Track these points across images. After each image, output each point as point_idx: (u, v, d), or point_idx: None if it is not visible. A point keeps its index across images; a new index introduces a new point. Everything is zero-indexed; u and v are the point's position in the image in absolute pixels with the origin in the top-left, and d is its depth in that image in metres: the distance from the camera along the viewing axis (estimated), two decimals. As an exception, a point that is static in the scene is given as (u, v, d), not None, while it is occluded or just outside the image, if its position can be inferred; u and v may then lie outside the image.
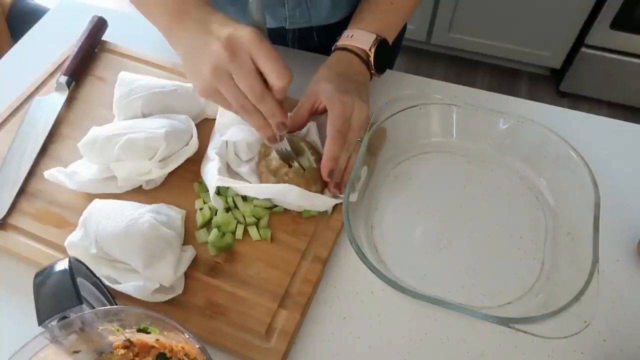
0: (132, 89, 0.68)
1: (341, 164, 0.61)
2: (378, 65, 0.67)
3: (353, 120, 0.60)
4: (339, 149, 0.60)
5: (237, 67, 0.49)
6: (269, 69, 0.49)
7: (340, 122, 0.59)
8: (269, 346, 0.53)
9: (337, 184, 0.61)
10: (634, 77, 1.86)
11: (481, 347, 0.54)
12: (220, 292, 0.57)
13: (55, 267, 0.44)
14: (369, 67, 0.66)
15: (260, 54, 0.49)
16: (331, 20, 0.79)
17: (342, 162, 0.61)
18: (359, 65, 0.66)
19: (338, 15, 0.79)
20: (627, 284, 0.58)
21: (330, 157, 0.59)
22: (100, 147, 0.63)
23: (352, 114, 0.60)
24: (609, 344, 0.54)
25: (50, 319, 0.41)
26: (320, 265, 0.58)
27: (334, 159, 0.60)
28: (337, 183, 0.61)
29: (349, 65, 0.65)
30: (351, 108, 0.60)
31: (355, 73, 0.65)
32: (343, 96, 0.60)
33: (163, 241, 0.56)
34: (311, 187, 0.61)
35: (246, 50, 0.49)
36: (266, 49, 0.49)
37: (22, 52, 0.84)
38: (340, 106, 0.59)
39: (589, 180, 0.57)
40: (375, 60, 0.66)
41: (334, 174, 0.60)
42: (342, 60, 0.66)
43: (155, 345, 0.46)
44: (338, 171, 0.61)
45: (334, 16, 0.79)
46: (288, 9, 0.74)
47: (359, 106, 0.60)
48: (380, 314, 0.57)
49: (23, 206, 0.63)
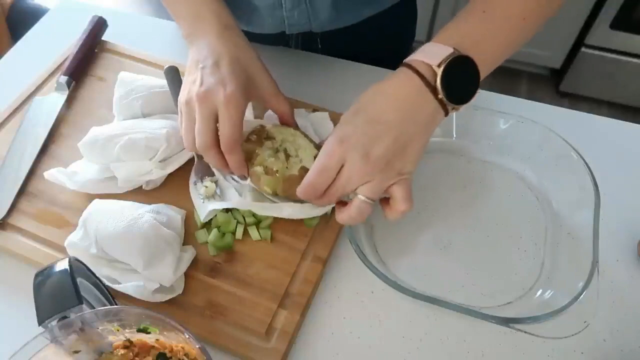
0: (132, 89, 0.68)
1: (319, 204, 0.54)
2: (449, 90, 0.49)
3: (339, 174, 0.50)
4: (311, 197, 0.52)
5: (198, 114, 0.54)
6: (221, 132, 0.53)
7: (315, 173, 0.50)
8: (269, 346, 0.53)
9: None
10: (634, 77, 1.86)
11: (481, 347, 0.54)
12: (220, 292, 0.57)
13: (55, 267, 0.44)
14: (435, 93, 0.49)
15: (223, 117, 0.53)
16: (334, 26, 0.76)
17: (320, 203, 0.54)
18: (418, 90, 0.49)
19: (342, 21, 0.76)
20: (627, 284, 0.58)
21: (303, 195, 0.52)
22: (100, 147, 0.63)
23: (339, 165, 0.49)
24: (609, 344, 0.54)
25: (50, 319, 0.41)
26: (320, 265, 0.58)
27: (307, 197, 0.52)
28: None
29: (397, 89, 0.50)
30: (336, 160, 0.49)
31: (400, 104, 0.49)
32: (333, 146, 0.49)
33: (163, 241, 0.56)
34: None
35: (214, 106, 0.53)
36: (232, 116, 0.53)
37: (22, 52, 0.84)
38: (321, 156, 0.50)
39: (589, 180, 0.57)
40: (444, 81, 0.48)
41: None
42: (389, 83, 0.50)
43: (155, 345, 0.46)
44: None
45: (337, 21, 0.76)
46: (286, 10, 0.73)
47: (352, 161, 0.48)
48: (380, 314, 0.57)
49: (23, 206, 0.63)
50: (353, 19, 0.77)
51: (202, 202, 0.61)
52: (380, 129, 0.49)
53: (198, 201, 0.62)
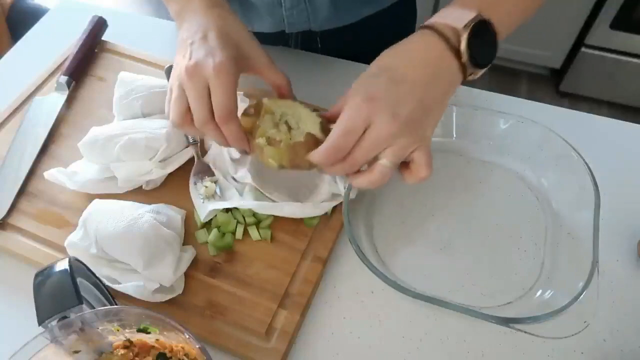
0: (132, 89, 0.68)
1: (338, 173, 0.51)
2: (473, 53, 0.48)
3: (365, 136, 0.47)
4: (330, 162, 0.49)
5: (189, 89, 0.52)
6: (215, 103, 0.51)
7: (340, 134, 0.47)
8: (269, 346, 0.53)
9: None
10: (634, 77, 1.86)
11: (481, 347, 0.54)
12: (220, 292, 0.57)
13: (55, 267, 0.44)
14: (458, 56, 0.48)
15: (214, 87, 0.51)
16: (333, 25, 0.77)
17: (338, 172, 0.50)
18: (441, 52, 0.48)
19: (341, 20, 0.77)
20: (627, 284, 0.58)
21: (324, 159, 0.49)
22: (100, 147, 0.63)
23: (366, 125, 0.46)
24: (609, 344, 0.54)
25: (50, 319, 0.41)
26: (320, 265, 0.58)
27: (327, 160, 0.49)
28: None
29: (420, 51, 0.49)
30: (363, 121, 0.46)
31: (423, 67, 0.48)
32: (360, 104, 0.46)
33: (163, 241, 0.56)
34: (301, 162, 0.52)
35: (204, 79, 0.51)
36: (223, 84, 0.50)
37: (22, 52, 0.84)
38: (346, 114, 0.47)
39: (589, 180, 0.57)
40: (471, 45, 0.48)
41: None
42: (412, 45, 0.50)
43: (155, 345, 0.46)
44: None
45: (336, 20, 0.76)
46: (285, 8, 0.73)
47: (380, 120, 0.46)
48: (380, 314, 0.57)
49: (23, 206, 0.63)
50: (352, 18, 0.77)
51: (202, 202, 0.61)
52: (405, 89, 0.47)
53: (198, 201, 0.62)
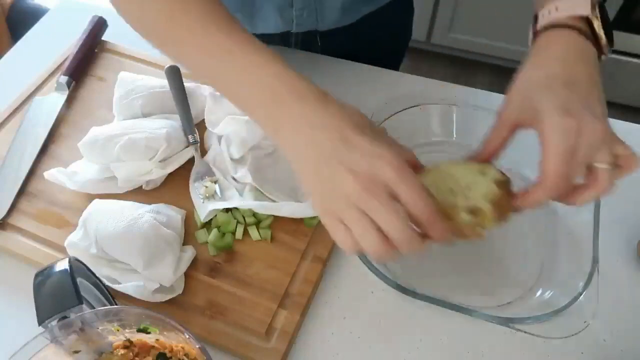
0: (132, 89, 0.69)
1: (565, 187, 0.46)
2: (608, 34, 0.48)
3: (580, 144, 0.44)
4: (562, 189, 0.45)
5: (376, 208, 0.40)
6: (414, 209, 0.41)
7: (561, 160, 0.44)
8: (269, 346, 0.53)
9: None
10: (634, 77, 1.86)
11: (481, 347, 0.54)
12: (220, 292, 0.57)
13: (55, 267, 0.44)
14: (597, 43, 0.48)
15: (405, 191, 0.41)
16: (339, 24, 0.77)
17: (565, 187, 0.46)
18: (584, 45, 0.47)
19: (347, 20, 0.77)
20: (627, 284, 0.58)
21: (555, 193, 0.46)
22: (100, 147, 0.63)
23: (580, 138, 0.44)
24: (609, 344, 0.54)
25: (50, 319, 0.41)
26: (320, 265, 0.58)
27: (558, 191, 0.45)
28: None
29: (570, 52, 0.47)
30: (576, 134, 0.44)
31: (580, 62, 0.47)
32: (564, 119, 0.43)
33: (163, 241, 0.56)
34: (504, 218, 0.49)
35: (386, 187, 0.40)
36: (413, 185, 0.41)
37: (22, 52, 0.84)
38: (560, 137, 0.43)
39: (589, 180, 0.57)
40: (605, 27, 0.47)
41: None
42: (557, 49, 0.48)
43: (155, 345, 0.46)
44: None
45: (343, 20, 0.77)
46: (296, 9, 0.73)
47: (588, 126, 0.44)
48: (380, 314, 0.56)
49: (23, 206, 0.63)
50: (353, 17, 0.77)
51: (202, 202, 0.61)
52: (582, 89, 0.46)
53: (198, 201, 0.62)
